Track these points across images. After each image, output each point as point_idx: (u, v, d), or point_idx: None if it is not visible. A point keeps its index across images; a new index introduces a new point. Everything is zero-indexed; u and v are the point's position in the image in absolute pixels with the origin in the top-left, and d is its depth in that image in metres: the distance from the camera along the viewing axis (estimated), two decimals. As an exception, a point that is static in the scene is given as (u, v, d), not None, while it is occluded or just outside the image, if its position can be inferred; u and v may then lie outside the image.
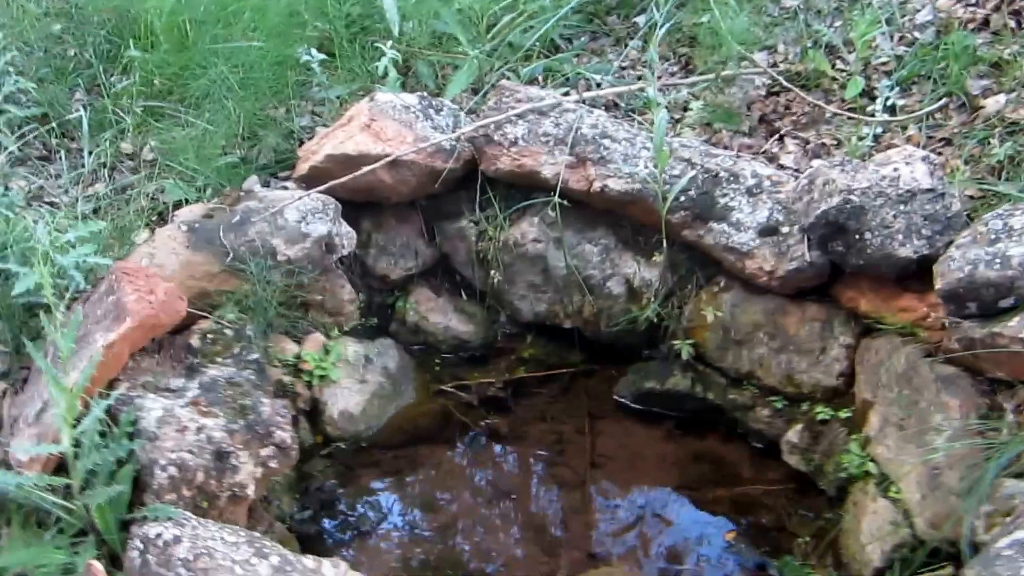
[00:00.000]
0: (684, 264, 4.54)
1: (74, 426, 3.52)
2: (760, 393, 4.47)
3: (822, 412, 4.27)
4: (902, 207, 3.80)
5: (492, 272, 4.87)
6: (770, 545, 4.13)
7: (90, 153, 5.00)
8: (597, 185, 4.37)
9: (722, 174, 4.27)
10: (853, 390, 4.25)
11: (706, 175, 4.28)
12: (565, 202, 4.49)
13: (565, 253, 4.64)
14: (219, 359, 4.17)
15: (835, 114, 4.66)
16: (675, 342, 4.56)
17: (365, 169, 4.45)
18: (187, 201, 4.72)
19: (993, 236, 3.58)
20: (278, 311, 4.41)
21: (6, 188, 4.73)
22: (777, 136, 4.69)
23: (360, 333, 4.86)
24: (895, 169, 3.86)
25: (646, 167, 4.30)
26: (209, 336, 4.23)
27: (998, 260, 3.49)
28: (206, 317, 4.30)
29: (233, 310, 4.33)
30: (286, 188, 4.71)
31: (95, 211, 4.74)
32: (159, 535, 3.40)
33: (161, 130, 5.06)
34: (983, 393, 3.71)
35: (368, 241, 4.89)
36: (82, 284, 4.05)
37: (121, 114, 5.13)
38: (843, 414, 4.22)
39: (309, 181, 4.65)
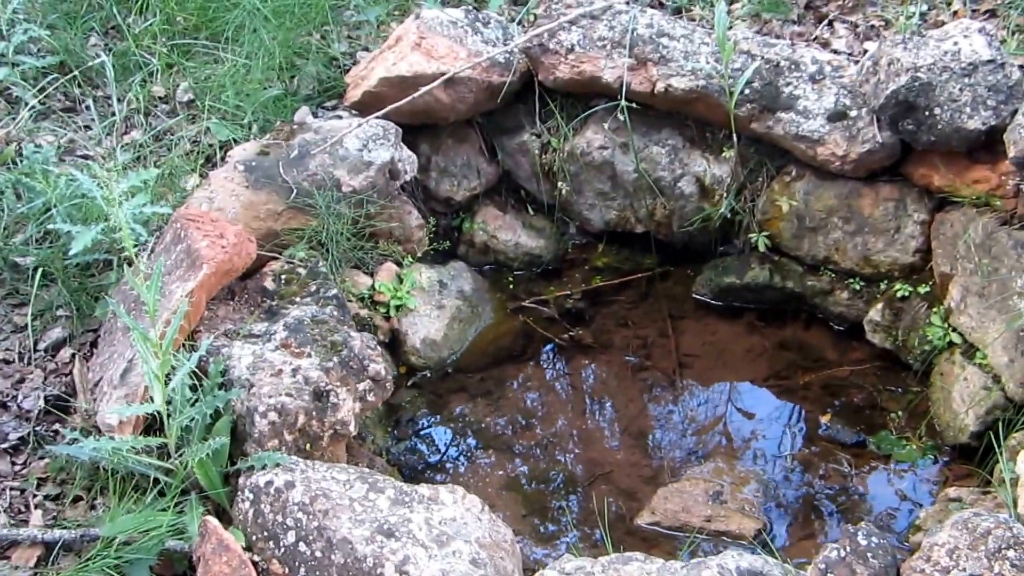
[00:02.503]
0: (753, 157, 5.25)
1: (166, 382, 3.82)
2: (838, 277, 5.26)
3: (901, 289, 5.05)
4: (966, 80, 4.50)
5: (559, 184, 5.54)
6: (865, 423, 4.92)
7: (120, 100, 5.48)
8: (661, 85, 5.04)
9: (783, 63, 4.97)
10: (930, 265, 5.00)
11: (768, 66, 4.96)
12: (634, 104, 5.14)
13: (635, 156, 5.32)
14: (297, 298, 4.66)
15: (880, -6, 5.33)
16: (750, 235, 5.32)
17: (423, 89, 5.06)
18: (235, 141, 5.22)
19: (1057, 101, 4.28)
20: (349, 244, 4.97)
21: (36, 145, 5.13)
22: (826, 21, 5.39)
23: (430, 259, 5.49)
24: (955, 43, 4.56)
25: (708, 63, 4.98)
26: (283, 276, 4.74)
27: None
28: (276, 258, 4.81)
29: (303, 247, 4.85)
30: (340, 117, 5.27)
31: (135, 160, 5.21)
32: (270, 483, 3.76)
33: (193, 69, 5.55)
34: None
35: (428, 164, 5.52)
36: (144, 236, 4.30)
37: (147, 56, 5.61)
38: (922, 289, 5.01)
39: (363, 107, 5.27)
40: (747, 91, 4.92)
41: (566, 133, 5.42)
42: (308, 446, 4.12)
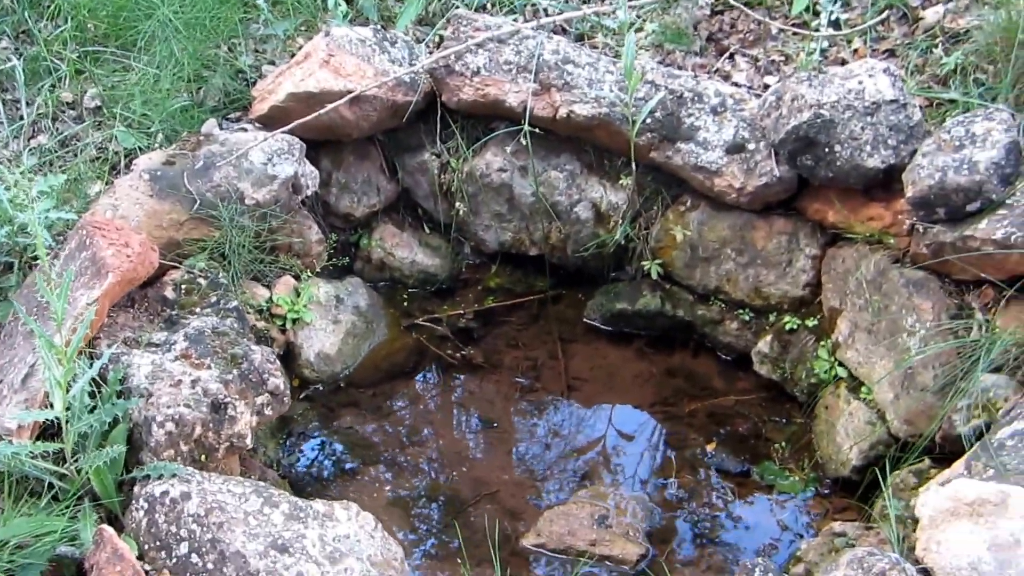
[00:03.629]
0: (649, 185, 5.09)
1: (67, 389, 3.67)
2: (728, 307, 5.12)
3: (790, 322, 4.92)
4: (869, 119, 4.38)
5: (456, 204, 5.34)
6: (749, 452, 4.78)
7: (28, 104, 5.23)
8: (563, 111, 4.88)
9: (686, 94, 4.83)
10: (819, 299, 4.87)
11: (672, 96, 4.81)
12: (536, 129, 4.96)
13: (534, 180, 5.15)
14: (197, 309, 4.44)
15: (781, 30, 5.27)
16: (644, 263, 5.16)
17: (330, 106, 4.88)
18: (141, 149, 4.98)
19: (957, 143, 4.19)
20: (249, 256, 4.75)
21: (-59, 146, 4.93)
22: (727, 54, 5.26)
23: (327, 274, 5.26)
24: (860, 82, 4.44)
25: (612, 91, 4.82)
26: (183, 286, 4.52)
27: (966, 166, 4.07)
28: (176, 267, 4.59)
29: (203, 258, 4.63)
30: (245, 130, 5.05)
31: (41, 164, 4.97)
32: (166, 493, 3.61)
33: (102, 76, 5.29)
34: (950, 294, 4.33)
35: (329, 180, 5.31)
36: (48, 241, 4.17)
37: (56, 61, 5.34)
38: (810, 323, 4.88)
39: (269, 121, 5.04)
40: (648, 120, 4.76)
41: (466, 154, 5.23)
42: (203, 457, 3.94)
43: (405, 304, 5.52)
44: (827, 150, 4.42)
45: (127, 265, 4.12)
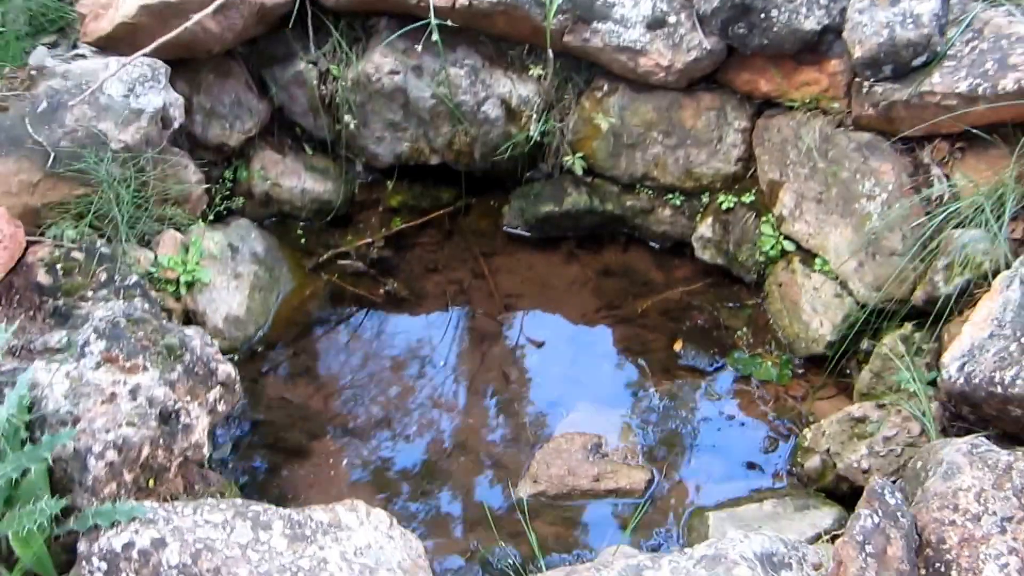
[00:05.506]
0: (559, 73, 4.37)
1: None
2: (657, 194, 4.53)
3: (725, 200, 4.38)
4: None
5: (345, 117, 4.43)
6: (714, 345, 4.23)
7: None
8: None
9: None
10: (751, 173, 4.37)
11: None
12: (448, 22, 4.08)
13: (444, 78, 4.31)
14: (88, 293, 3.43)
15: None
16: (564, 158, 4.46)
17: (195, 18, 3.81)
18: None
19: (890, -5, 3.80)
20: (129, 213, 3.67)
21: None
22: None
23: (209, 219, 4.25)
24: None
25: None
26: (58, 266, 3.46)
27: (911, 20, 3.65)
28: (39, 241, 3.51)
29: (72, 225, 3.56)
30: (84, 56, 3.89)
31: None
32: (130, 544, 2.65)
33: None
34: (902, 153, 3.89)
35: (190, 106, 4.21)
36: None
37: None
38: (746, 199, 4.36)
39: (112, 43, 3.94)
40: (559, 1, 4.01)
41: (349, 59, 4.30)
42: (151, 482, 2.99)
43: (303, 241, 4.59)
44: (763, 16, 3.88)
45: (5, 257, 3.19)
